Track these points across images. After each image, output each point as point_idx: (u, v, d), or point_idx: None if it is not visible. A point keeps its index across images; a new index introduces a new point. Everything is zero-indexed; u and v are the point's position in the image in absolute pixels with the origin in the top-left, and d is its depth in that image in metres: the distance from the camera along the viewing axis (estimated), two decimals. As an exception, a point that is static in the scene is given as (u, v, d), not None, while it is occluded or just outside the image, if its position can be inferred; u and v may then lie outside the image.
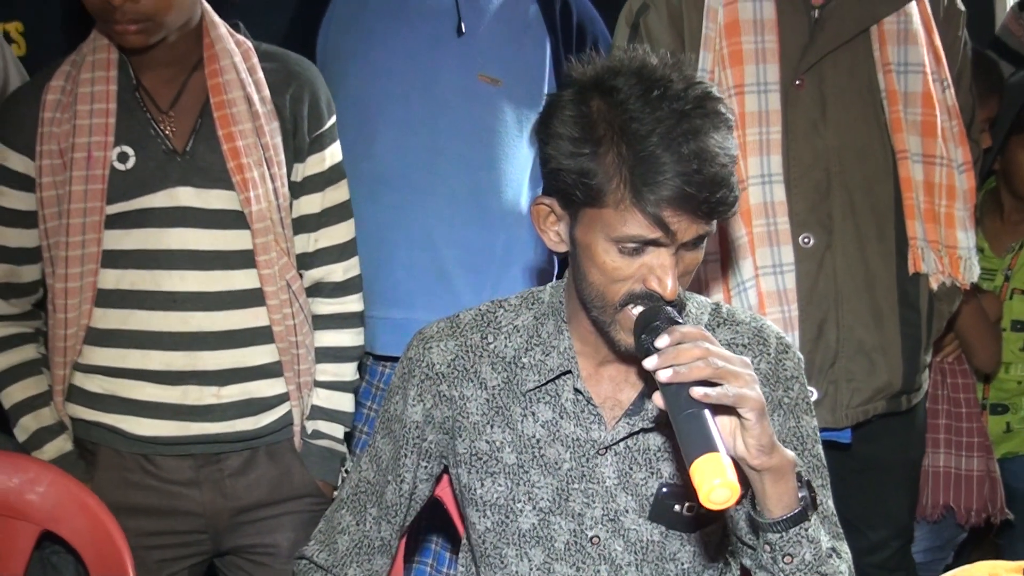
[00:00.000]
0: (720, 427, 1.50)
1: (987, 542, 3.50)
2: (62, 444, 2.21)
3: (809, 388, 2.36)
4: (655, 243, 1.58)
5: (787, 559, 1.60)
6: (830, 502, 1.77)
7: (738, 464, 1.52)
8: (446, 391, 1.82)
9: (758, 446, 1.52)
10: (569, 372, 1.76)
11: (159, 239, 2.13)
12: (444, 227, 2.58)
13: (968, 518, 3.22)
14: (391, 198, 2.58)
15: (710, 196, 1.55)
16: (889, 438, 2.56)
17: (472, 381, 1.81)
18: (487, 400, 1.80)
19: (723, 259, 2.42)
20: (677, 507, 1.75)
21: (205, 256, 2.15)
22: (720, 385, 1.48)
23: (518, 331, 1.81)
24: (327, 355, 2.29)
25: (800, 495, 1.58)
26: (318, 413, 2.28)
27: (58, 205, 2.13)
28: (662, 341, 1.51)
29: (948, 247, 2.44)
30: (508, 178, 2.60)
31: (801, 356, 1.82)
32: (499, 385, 1.80)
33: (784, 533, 1.59)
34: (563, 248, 1.71)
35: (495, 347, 1.82)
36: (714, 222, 1.61)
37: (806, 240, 2.39)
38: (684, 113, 1.55)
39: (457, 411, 1.82)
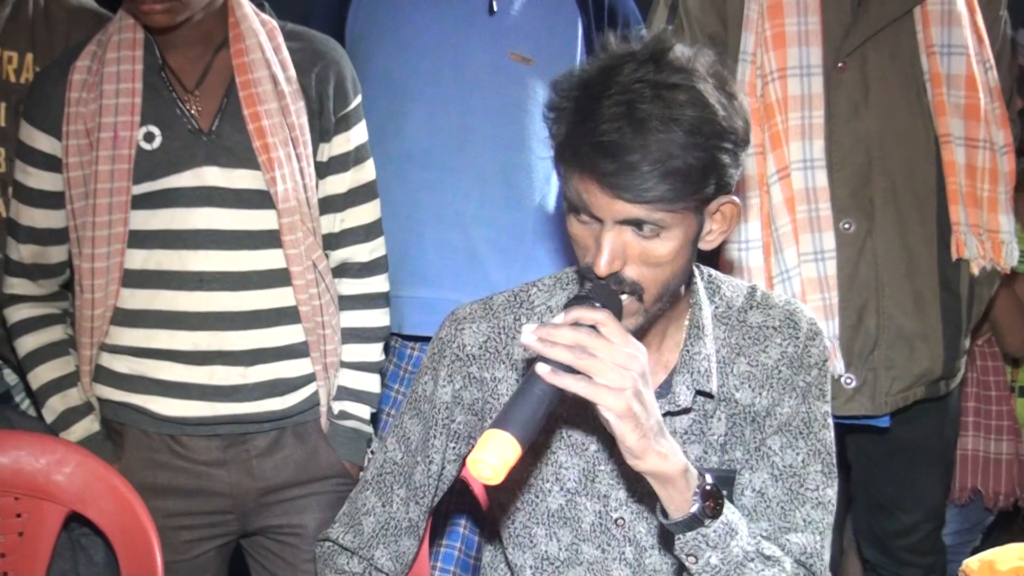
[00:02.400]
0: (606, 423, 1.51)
1: (1015, 525, 3.49)
2: (89, 425, 2.21)
3: (848, 375, 2.36)
4: (588, 213, 1.57)
5: (691, 559, 1.60)
6: (829, 490, 1.75)
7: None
8: (476, 373, 1.81)
9: (626, 449, 1.51)
10: None
11: (185, 219, 2.13)
12: (474, 206, 2.57)
13: (996, 501, 3.22)
14: (421, 177, 2.57)
15: (618, 179, 1.52)
16: (924, 420, 2.55)
17: (504, 363, 1.80)
18: (517, 380, 1.79)
19: (766, 246, 2.40)
20: None
21: (231, 236, 2.14)
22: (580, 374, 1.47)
23: (551, 312, 1.81)
24: (353, 335, 2.29)
25: (693, 502, 1.56)
26: (344, 393, 2.28)
27: (85, 185, 2.13)
28: (558, 317, 1.51)
29: (990, 231, 2.42)
30: (538, 158, 2.58)
31: (828, 344, 1.80)
32: (528, 366, 1.79)
33: (681, 536, 1.59)
34: None
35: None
36: (661, 213, 1.55)
37: (847, 226, 2.37)
38: (656, 91, 1.52)
39: (488, 393, 1.81)
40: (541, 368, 1.46)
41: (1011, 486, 3.22)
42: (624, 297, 1.59)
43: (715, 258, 2.39)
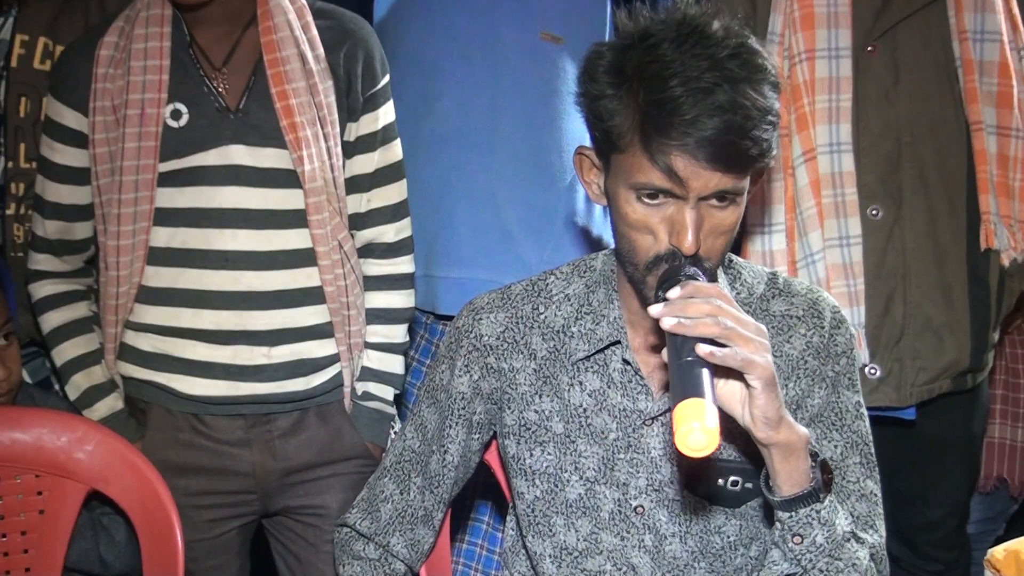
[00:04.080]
0: (729, 395, 1.50)
1: (1040, 515, 3.46)
2: (113, 403, 2.21)
3: (873, 365, 2.34)
4: (670, 193, 1.55)
5: (796, 539, 1.57)
6: (869, 481, 1.73)
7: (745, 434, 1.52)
8: (494, 363, 1.81)
9: (763, 418, 1.49)
10: (618, 342, 1.74)
11: (211, 197, 2.12)
12: (506, 186, 2.56)
13: (1021, 490, 3.18)
14: (453, 157, 2.56)
15: (726, 145, 1.51)
16: (951, 414, 2.52)
17: (522, 352, 1.80)
18: (535, 370, 1.79)
19: (789, 230, 2.39)
20: (720, 481, 1.73)
21: (257, 215, 2.13)
22: (727, 347, 1.44)
23: (568, 300, 1.80)
24: (378, 316, 2.28)
25: (812, 476, 1.55)
26: (368, 375, 2.27)
27: (111, 162, 2.12)
28: (674, 292, 1.49)
29: (1021, 222, 2.38)
30: (570, 138, 2.56)
31: (854, 331, 1.79)
32: (547, 354, 1.79)
33: (794, 512, 1.56)
34: (603, 201, 1.70)
35: (545, 317, 1.80)
36: (744, 180, 1.57)
37: (874, 212, 2.35)
38: (715, 61, 1.52)
39: (506, 383, 1.81)
40: (702, 349, 1.42)
41: (1036, 475, 3.19)
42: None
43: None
